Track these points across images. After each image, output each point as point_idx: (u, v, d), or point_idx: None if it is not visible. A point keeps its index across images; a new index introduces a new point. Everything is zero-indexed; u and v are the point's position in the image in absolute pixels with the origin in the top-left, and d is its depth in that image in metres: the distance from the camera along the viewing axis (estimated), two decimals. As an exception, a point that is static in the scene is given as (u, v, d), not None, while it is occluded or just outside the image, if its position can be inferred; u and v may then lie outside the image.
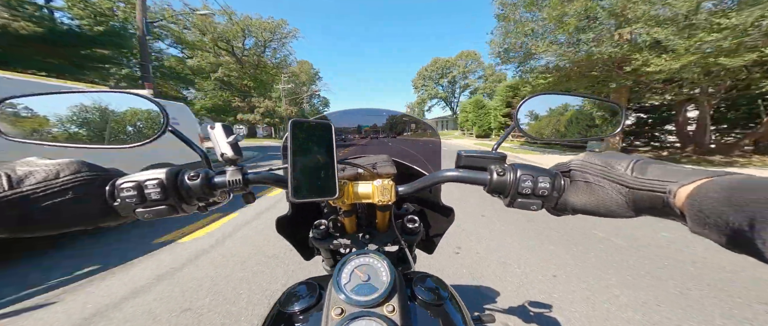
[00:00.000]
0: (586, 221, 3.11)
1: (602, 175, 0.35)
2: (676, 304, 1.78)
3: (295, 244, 0.74)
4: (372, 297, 0.41)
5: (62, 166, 0.34)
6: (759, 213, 0.20)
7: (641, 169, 0.32)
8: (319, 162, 0.42)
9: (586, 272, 2.19)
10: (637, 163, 0.33)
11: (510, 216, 3.51)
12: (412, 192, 0.48)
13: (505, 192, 0.41)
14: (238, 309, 1.78)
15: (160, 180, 0.37)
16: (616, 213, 0.34)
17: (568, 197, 0.38)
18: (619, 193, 0.33)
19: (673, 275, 2.12)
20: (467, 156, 0.47)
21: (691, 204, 0.26)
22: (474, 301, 1.84)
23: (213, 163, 0.48)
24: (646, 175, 0.31)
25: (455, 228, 1.99)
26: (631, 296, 1.87)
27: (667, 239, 2.74)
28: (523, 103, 0.50)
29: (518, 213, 3.36)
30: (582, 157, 0.39)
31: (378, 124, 0.87)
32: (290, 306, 0.47)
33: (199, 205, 0.44)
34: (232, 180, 0.42)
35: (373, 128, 0.90)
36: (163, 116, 0.43)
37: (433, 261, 2.25)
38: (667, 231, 2.87)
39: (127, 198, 0.36)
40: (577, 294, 1.91)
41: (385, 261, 0.46)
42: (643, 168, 0.32)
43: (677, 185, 0.27)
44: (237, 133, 0.48)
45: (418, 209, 0.80)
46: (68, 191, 0.33)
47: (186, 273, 2.26)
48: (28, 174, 0.32)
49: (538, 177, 0.39)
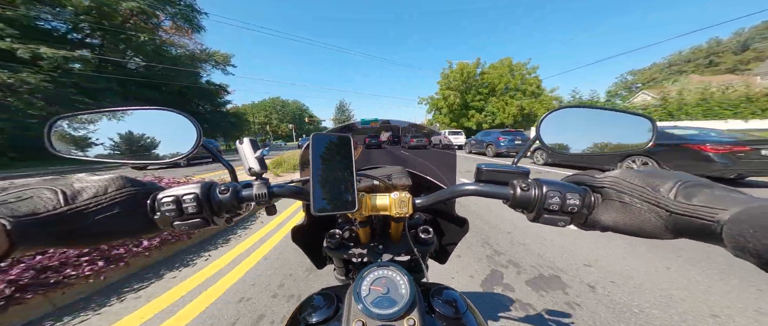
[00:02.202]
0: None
1: (641, 197, 0.33)
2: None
3: (309, 253, 0.76)
4: (392, 311, 0.40)
5: (109, 182, 0.36)
6: None
7: (687, 194, 0.30)
8: (338, 175, 0.43)
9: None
10: (682, 186, 0.31)
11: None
12: (429, 205, 0.48)
13: (530, 207, 0.41)
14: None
15: (196, 194, 0.39)
16: (652, 235, 0.33)
17: (599, 215, 0.37)
18: (659, 217, 0.31)
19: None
20: (488, 170, 0.46)
21: (730, 228, 0.25)
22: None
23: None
24: (692, 201, 0.29)
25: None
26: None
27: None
28: (547, 117, 0.49)
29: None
30: (617, 174, 0.37)
31: (396, 134, 0.88)
32: (308, 317, 0.47)
33: (226, 217, 0.45)
34: (258, 194, 0.43)
35: (390, 134, 0.91)
36: (196, 131, 0.45)
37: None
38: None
39: (167, 211, 0.38)
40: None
41: (405, 274, 0.46)
42: (689, 193, 0.30)
43: (728, 214, 0.26)
44: (262, 147, 0.49)
45: (431, 219, 0.79)
46: (116, 206, 0.35)
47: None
48: (81, 190, 0.34)
49: (567, 193, 0.38)
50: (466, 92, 33.16)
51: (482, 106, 32.82)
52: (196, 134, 0.45)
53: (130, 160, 0.47)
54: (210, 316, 1.74)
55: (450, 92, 33.04)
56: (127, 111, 0.46)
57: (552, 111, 0.49)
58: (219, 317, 1.73)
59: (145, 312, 1.79)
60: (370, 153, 0.80)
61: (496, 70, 32.99)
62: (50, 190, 0.32)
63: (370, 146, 0.99)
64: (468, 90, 33.20)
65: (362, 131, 0.94)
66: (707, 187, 0.30)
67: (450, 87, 33.42)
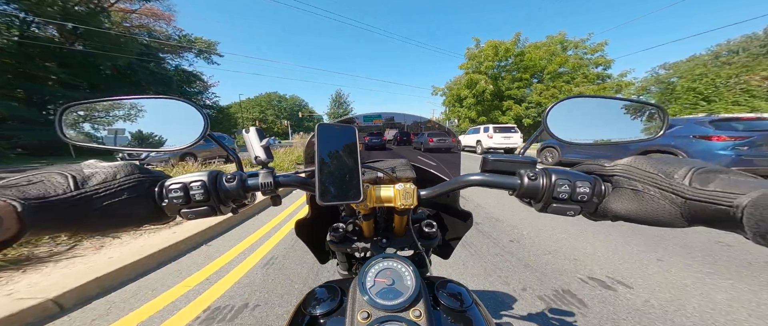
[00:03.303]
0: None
1: (654, 184, 0.32)
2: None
3: (312, 247, 0.76)
4: (398, 302, 0.40)
5: (118, 168, 0.37)
6: None
7: (702, 180, 0.29)
8: (344, 165, 0.43)
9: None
10: (697, 172, 0.30)
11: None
12: (434, 196, 0.48)
13: (538, 197, 0.40)
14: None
15: (203, 182, 0.39)
16: (666, 223, 0.32)
17: (610, 203, 0.36)
18: (673, 204, 0.31)
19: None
20: (494, 160, 0.46)
21: (751, 214, 0.24)
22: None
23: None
24: (708, 187, 0.28)
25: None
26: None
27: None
28: (554, 107, 0.48)
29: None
30: (629, 162, 0.36)
31: (402, 131, 0.87)
32: (313, 309, 0.47)
33: (232, 206, 0.45)
34: (264, 183, 0.43)
35: (396, 133, 0.87)
36: (203, 121, 0.45)
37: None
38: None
39: (174, 198, 0.39)
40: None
41: (410, 266, 0.46)
42: (704, 179, 0.29)
43: (747, 198, 0.25)
44: (268, 137, 0.50)
45: (434, 213, 0.79)
46: (124, 192, 0.36)
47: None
48: (91, 175, 0.34)
49: (576, 181, 0.38)
50: (496, 78, 26.17)
51: (522, 96, 25.14)
52: (203, 124, 0.45)
53: (138, 148, 0.47)
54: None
55: (480, 77, 25.14)
56: (136, 99, 0.46)
57: (558, 101, 0.48)
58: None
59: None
60: (370, 155, 0.76)
61: (540, 49, 25.29)
62: (61, 175, 0.33)
63: (370, 147, 0.83)
64: (500, 76, 26.24)
65: (364, 129, 0.89)
66: (723, 173, 0.29)
67: (479, 70, 25.78)
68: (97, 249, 2.48)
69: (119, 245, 2.59)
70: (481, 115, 26.67)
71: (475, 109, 27.03)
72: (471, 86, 25.90)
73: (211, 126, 0.46)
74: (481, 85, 24.99)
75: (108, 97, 0.45)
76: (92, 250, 2.46)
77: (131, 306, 1.79)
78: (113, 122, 0.46)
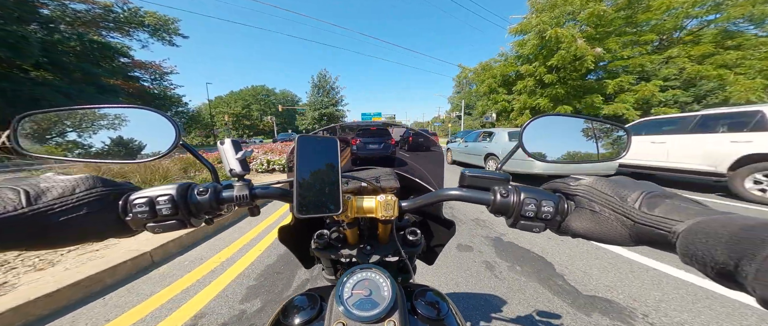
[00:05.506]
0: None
1: (609, 206, 0.35)
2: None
3: (297, 253, 0.75)
4: (373, 313, 0.41)
5: (78, 182, 0.35)
6: (744, 251, 0.22)
7: (650, 204, 0.31)
8: (324, 177, 0.42)
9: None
10: (646, 197, 0.32)
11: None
12: (414, 208, 0.49)
13: (508, 213, 0.42)
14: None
15: (171, 195, 0.38)
16: (617, 242, 0.35)
17: (571, 222, 0.38)
18: (624, 225, 0.33)
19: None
20: (471, 175, 0.47)
21: (684, 238, 0.27)
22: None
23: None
24: (654, 211, 0.30)
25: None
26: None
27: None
28: (529, 125, 0.50)
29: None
30: (590, 183, 0.38)
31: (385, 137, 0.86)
32: (291, 318, 0.47)
33: (206, 218, 0.44)
34: (239, 195, 0.43)
35: (407, 133, 0.84)
36: (175, 130, 0.44)
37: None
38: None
39: (139, 213, 0.37)
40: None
41: (388, 276, 0.47)
42: (652, 204, 0.31)
43: (683, 225, 0.27)
44: (245, 149, 0.48)
45: (419, 220, 0.80)
46: (83, 207, 0.34)
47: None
48: (46, 190, 0.33)
49: (542, 200, 0.39)
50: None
51: (650, 69, 14.00)
52: (174, 133, 0.44)
53: (105, 159, 0.45)
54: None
55: (566, 32, 13.90)
56: (101, 109, 0.44)
57: (533, 119, 0.50)
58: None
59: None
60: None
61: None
62: (12, 190, 0.31)
63: (365, 158, 0.65)
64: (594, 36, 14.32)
65: (364, 130, 0.76)
66: (669, 198, 0.31)
67: (557, 21, 14.64)
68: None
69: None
70: (561, 103, 15.51)
71: (545, 97, 15.76)
72: (537, 57, 15.18)
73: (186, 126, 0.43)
74: (577, 46, 13.53)
75: (70, 106, 0.42)
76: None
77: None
78: (76, 132, 0.43)
